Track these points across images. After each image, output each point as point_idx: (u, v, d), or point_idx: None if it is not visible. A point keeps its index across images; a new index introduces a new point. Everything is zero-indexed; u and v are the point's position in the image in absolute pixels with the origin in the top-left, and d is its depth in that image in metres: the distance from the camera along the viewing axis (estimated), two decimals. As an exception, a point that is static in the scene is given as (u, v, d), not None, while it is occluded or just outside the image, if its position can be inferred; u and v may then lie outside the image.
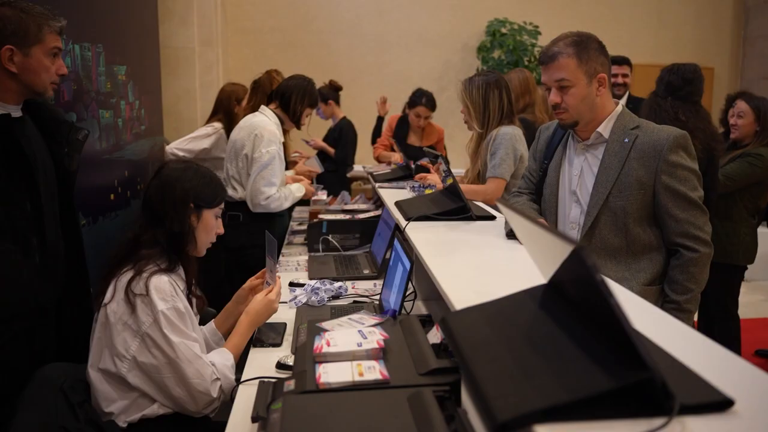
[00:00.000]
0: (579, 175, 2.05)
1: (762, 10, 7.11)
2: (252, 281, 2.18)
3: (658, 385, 0.85)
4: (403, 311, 1.98)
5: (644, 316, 1.32)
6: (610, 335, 0.94)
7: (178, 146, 4.00)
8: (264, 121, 3.31)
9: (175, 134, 4.72)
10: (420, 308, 2.33)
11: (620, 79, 4.55)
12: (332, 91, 5.30)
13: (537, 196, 2.25)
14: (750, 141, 3.54)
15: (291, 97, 3.35)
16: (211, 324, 2.11)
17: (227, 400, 1.76)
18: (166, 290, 1.76)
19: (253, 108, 3.91)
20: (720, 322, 3.70)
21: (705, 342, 1.16)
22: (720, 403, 0.88)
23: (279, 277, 2.15)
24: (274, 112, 3.38)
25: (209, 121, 4.20)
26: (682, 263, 1.94)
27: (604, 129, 1.99)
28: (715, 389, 0.90)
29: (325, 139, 5.40)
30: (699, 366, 0.98)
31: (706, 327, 3.81)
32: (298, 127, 3.51)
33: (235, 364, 1.87)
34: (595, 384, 0.88)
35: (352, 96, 6.41)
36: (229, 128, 4.11)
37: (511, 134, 2.95)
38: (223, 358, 1.84)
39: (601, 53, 1.95)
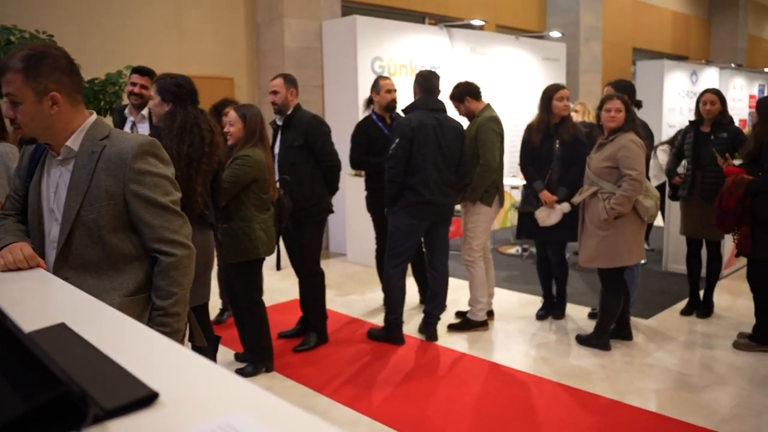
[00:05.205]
0: (55, 192, 1.97)
1: (269, 27, 7.90)
2: None
3: (76, 398, 0.86)
4: None
5: (102, 326, 1.33)
6: (32, 359, 0.92)
7: None
8: None
9: None
10: None
11: (137, 89, 4.50)
12: None
13: (24, 216, 2.09)
14: (241, 144, 3.83)
15: None
16: None
17: None
18: None
19: None
20: (247, 312, 3.99)
21: (158, 340, 1.21)
22: (146, 398, 0.93)
23: None
24: None
25: None
26: (163, 269, 1.96)
27: (73, 143, 1.93)
28: (143, 385, 0.95)
29: None
30: (139, 364, 1.02)
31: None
32: None
33: None
34: (9, 411, 0.85)
35: None
36: None
37: (3, 152, 2.70)
38: None
39: (56, 70, 1.86)
